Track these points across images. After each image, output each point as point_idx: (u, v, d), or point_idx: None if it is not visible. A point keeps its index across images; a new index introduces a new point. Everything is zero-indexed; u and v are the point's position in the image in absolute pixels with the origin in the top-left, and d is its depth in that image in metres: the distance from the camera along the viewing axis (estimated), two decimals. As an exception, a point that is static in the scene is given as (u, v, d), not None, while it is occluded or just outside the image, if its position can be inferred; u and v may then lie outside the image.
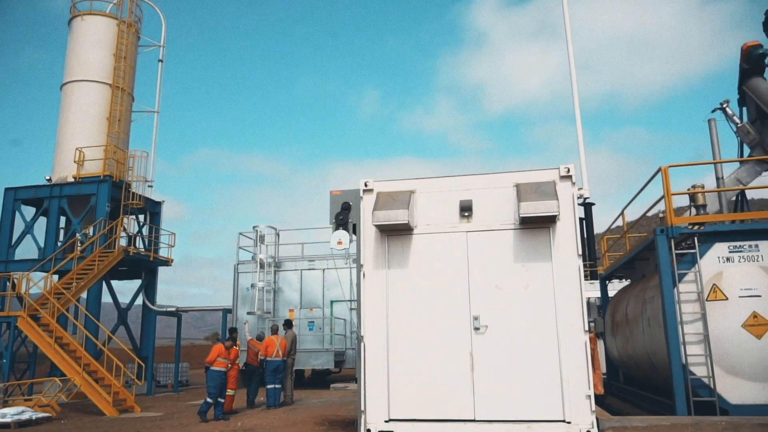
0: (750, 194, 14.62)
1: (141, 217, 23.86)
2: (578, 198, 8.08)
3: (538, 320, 7.83)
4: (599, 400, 12.99)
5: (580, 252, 7.86)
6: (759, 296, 9.62)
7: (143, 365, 20.18)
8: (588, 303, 22.16)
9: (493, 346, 7.90)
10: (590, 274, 30.23)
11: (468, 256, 8.20)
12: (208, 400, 12.74)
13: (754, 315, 9.58)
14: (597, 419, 7.80)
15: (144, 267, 23.40)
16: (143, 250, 22.72)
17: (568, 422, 7.47)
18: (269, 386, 14.08)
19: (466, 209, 8.25)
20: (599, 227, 35.94)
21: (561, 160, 8.34)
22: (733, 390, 9.53)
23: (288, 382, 14.74)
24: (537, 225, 7.99)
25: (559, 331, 7.72)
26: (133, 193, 22.28)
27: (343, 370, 25.85)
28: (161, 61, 25.61)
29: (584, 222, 37.15)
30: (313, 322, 21.70)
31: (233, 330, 14.40)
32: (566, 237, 7.95)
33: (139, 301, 23.58)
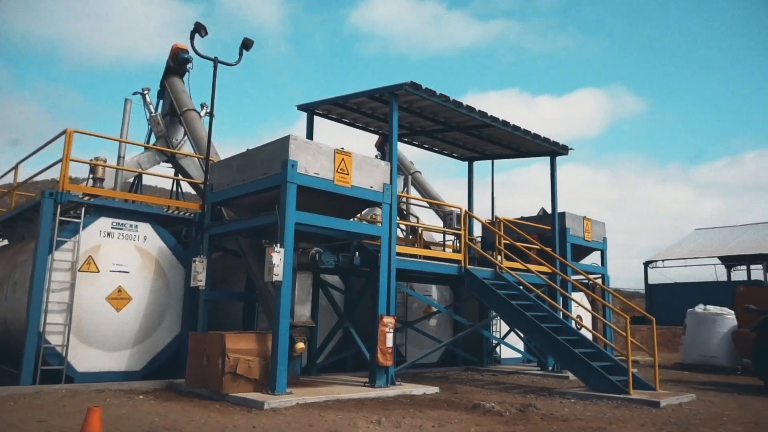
0: (146, 180, 15.79)
1: None
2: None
3: None
4: None
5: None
6: (128, 272, 10.38)
7: None
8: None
9: None
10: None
11: None
12: None
13: (119, 289, 10.25)
14: None
15: None
16: None
17: None
18: None
19: None
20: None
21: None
22: (84, 358, 9.89)
23: None
24: None
25: None
26: None
27: None
28: None
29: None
30: None
31: None
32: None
33: None
